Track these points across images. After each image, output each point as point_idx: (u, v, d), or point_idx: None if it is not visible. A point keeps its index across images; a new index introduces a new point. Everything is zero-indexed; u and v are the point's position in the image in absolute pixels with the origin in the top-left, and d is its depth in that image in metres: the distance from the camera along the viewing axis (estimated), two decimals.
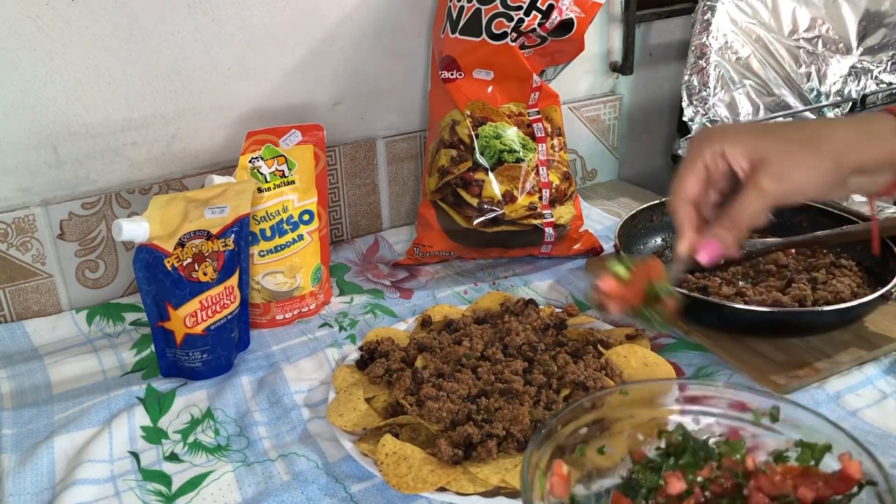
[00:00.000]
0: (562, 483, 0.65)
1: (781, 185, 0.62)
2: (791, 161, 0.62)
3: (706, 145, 0.65)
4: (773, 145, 0.63)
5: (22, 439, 0.87)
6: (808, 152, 0.62)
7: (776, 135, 0.64)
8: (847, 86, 1.61)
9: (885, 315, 1.01)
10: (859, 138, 0.64)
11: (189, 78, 1.14)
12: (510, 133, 1.17)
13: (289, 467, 0.82)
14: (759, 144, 0.63)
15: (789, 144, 0.63)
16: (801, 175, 0.62)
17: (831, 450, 0.62)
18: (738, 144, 0.64)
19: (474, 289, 1.17)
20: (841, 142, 0.63)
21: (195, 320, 0.94)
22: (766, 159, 0.62)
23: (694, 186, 0.65)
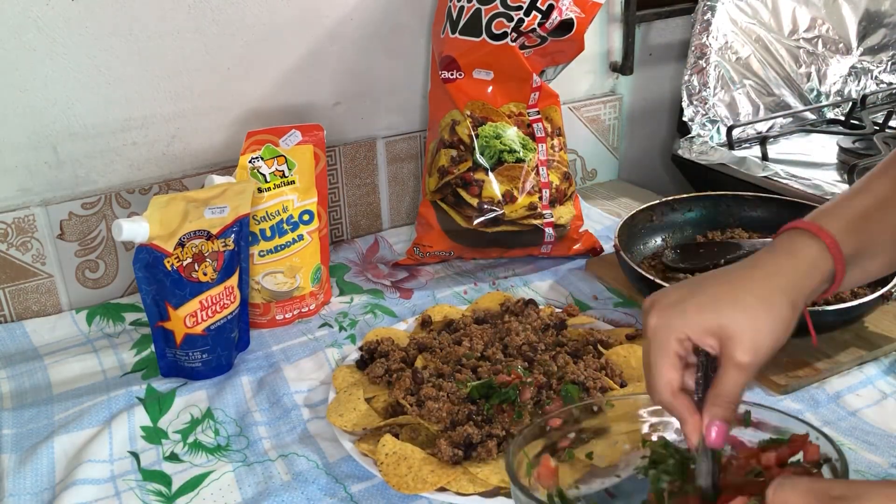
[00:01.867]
0: (549, 474, 0.67)
1: (758, 356, 0.62)
2: (757, 329, 0.62)
3: (668, 333, 0.64)
4: (733, 315, 0.62)
5: (22, 439, 0.87)
6: (767, 312, 0.62)
7: (732, 302, 0.63)
8: (847, 86, 1.61)
9: (885, 315, 1.01)
10: (798, 277, 0.65)
11: (189, 78, 1.14)
12: (510, 133, 1.17)
13: (289, 467, 0.82)
14: (719, 319, 0.62)
15: (748, 309, 0.62)
16: (771, 339, 0.62)
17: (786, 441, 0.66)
18: (699, 325, 0.63)
19: (474, 289, 1.17)
20: (790, 289, 0.64)
21: (195, 320, 0.94)
22: (734, 334, 0.62)
23: (674, 377, 0.64)
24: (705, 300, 0.64)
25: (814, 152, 1.43)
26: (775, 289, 0.64)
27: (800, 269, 0.65)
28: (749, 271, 0.65)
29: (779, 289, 0.64)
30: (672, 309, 0.64)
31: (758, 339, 0.62)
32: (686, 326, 0.63)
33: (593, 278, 1.18)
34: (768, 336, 0.62)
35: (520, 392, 0.84)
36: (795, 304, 0.64)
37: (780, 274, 0.64)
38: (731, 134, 1.42)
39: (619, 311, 1.09)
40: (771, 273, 0.65)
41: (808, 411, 0.88)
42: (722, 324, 0.62)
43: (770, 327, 0.62)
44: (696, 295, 0.64)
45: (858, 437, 0.84)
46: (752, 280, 0.64)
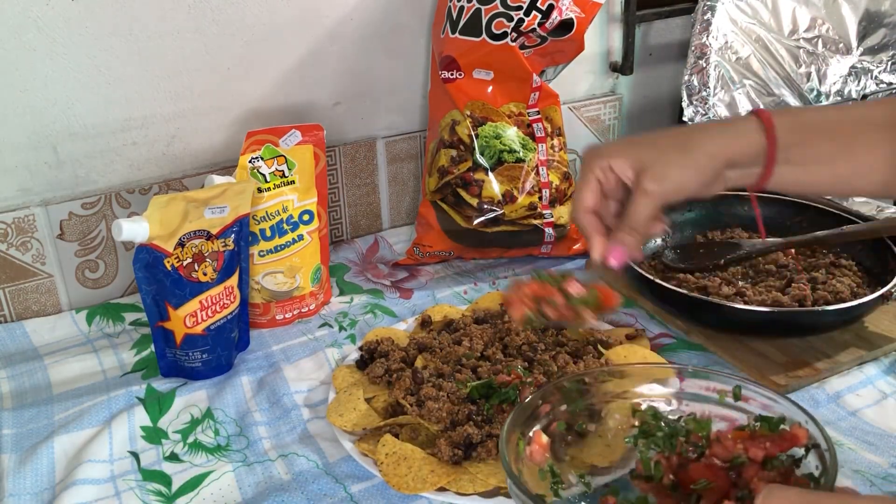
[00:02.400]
0: (541, 451, 0.70)
1: (663, 185, 0.71)
2: (668, 164, 0.71)
3: (594, 161, 0.73)
4: (651, 153, 0.72)
5: (22, 439, 0.87)
6: (681, 154, 0.71)
7: (653, 144, 0.73)
8: (847, 86, 1.61)
9: (885, 315, 1.01)
10: (726, 137, 0.72)
11: (189, 78, 1.14)
12: (510, 133, 1.17)
13: (289, 467, 0.82)
14: (639, 154, 0.72)
15: (665, 150, 0.72)
16: (679, 173, 0.71)
17: (785, 421, 0.68)
18: (620, 156, 0.72)
19: (474, 289, 1.17)
20: (709, 142, 0.72)
21: (195, 320, 0.94)
22: (647, 166, 0.71)
23: (589, 198, 0.74)
24: (637, 140, 0.75)
25: None
26: (695, 141, 0.72)
27: (726, 130, 0.73)
28: (686, 128, 0.75)
29: (699, 142, 0.72)
30: (604, 144, 0.74)
31: (665, 173, 0.71)
32: (610, 156, 0.73)
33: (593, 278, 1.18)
34: (677, 174, 0.71)
35: (520, 392, 0.84)
36: (712, 157, 0.72)
37: (708, 131, 0.73)
38: None
39: (619, 311, 1.09)
40: (702, 130, 0.74)
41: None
42: (639, 156, 0.72)
43: (681, 167, 0.71)
44: (630, 139, 0.76)
45: (858, 437, 0.84)
46: (682, 132, 0.74)
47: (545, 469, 0.69)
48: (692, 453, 0.67)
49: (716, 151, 0.72)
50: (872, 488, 0.77)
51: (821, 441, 0.65)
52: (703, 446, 0.68)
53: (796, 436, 0.66)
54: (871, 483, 0.78)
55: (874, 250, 1.08)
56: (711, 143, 0.72)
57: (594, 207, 0.74)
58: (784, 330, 0.97)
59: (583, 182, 0.74)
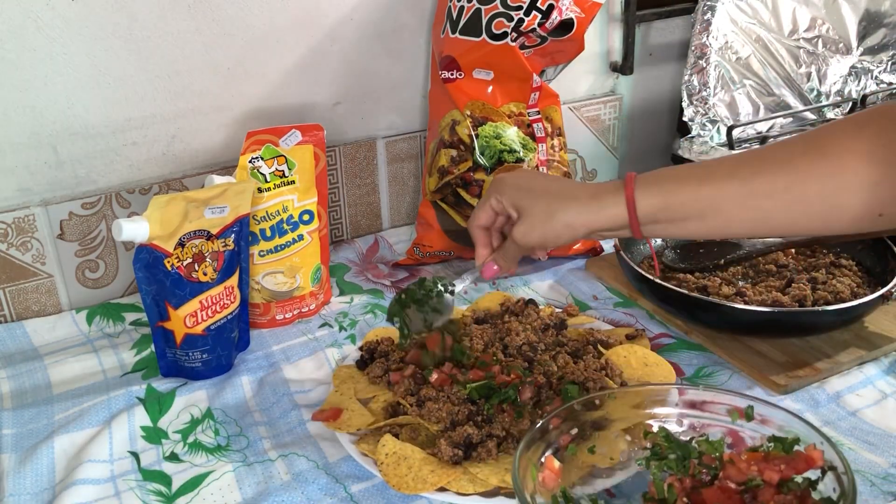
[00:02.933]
0: (553, 477, 0.69)
1: (525, 240, 0.83)
2: (533, 225, 0.82)
3: (493, 189, 0.86)
4: (527, 205, 0.83)
5: (22, 439, 0.87)
6: (544, 219, 0.81)
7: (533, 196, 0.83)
8: (847, 86, 1.61)
9: (885, 315, 1.01)
10: (588, 213, 0.80)
11: (189, 78, 1.14)
12: (510, 133, 1.17)
13: (289, 467, 0.82)
14: (521, 202, 0.84)
15: (536, 209, 0.82)
16: (539, 236, 0.82)
17: (799, 442, 0.68)
18: (506, 196, 0.85)
19: (474, 289, 1.17)
20: (573, 214, 0.80)
21: (195, 320, 0.94)
22: (521, 215, 0.83)
23: (483, 217, 0.87)
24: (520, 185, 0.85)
25: None
26: (560, 211, 0.81)
27: (592, 207, 0.80)
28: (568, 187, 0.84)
29: (563, 213, 0.81)
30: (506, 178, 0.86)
31: (531, 230, 0.83)
32: (502, 191, 0.85)
33: (593, 278, 1.18)
34: (538, 233, 0.82)
35: (520, 392, 0.84)
36: (572, 229, 0.81)
37: (571, 199, 0.81)
38: (731, 134, 1.42)
39: (619, 311, 1.09)
40: (571, 198, 0.81)
41: (808, 411, 0.88)
42: (519, 202, 0.84)
43: (541, 231, 0.82)
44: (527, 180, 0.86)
45: (858, 437, 0.84)
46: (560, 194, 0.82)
47: (557, 494, 0.69)
48: (705, 476, 0.67)
49: (576, 223, 0.80)
50: (872, 488, 0.77)
51: (838, 464, 0.64)
52: (716, 468, 0.67)
53: (812, 458, 0.65)
54: (871, 483, 0.78)
55: (874, 250, 1.08)
56: (574, 216, 0.80)
57: (485, 224, 0.88)
58: (784, 330, 0.97)
59: (483, 201, 0.87)
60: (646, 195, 0.77)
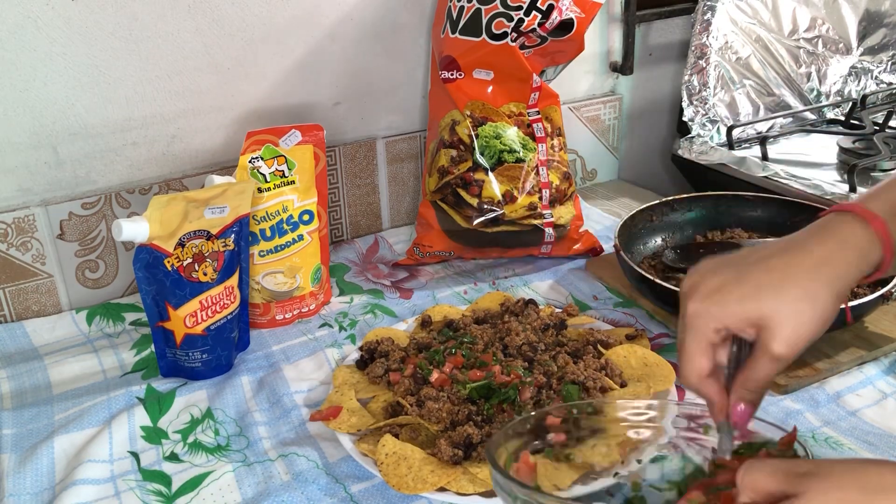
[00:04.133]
0: (528, 470, 0.68)
1: (795, 348, 0.61)
2: (800, 322, 0.60)
3: (706, 322, 0.63)
4: (777, 307, 0.60)
5: (22, 439, 0.87)
6: (810, 304, 0.60)
7: (776, 291, 0.61)
8: (847, 86, 1.61)
9: (885, 315, 1.01)
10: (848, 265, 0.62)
11: (189, 78, 1.14)
12: (510, 133, 1.17)
13: (289, 467, 0.82)
14: (762, 310, 0.61)
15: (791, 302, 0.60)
16: (811, 329, 0.61)
17: (768, 445, 0.65)
18: (739, 315, 0.61)
19: (474, 289, 1.17)
20: (836, 279, 0.61)
21: (195, 320, 0.94)
22: (774, 326, 0.60)
23: (705, 364, 0.63)
24: (748, 289, 0.61)
25: (814, 152, 1.43)
26: (822, 280, 0.61)
27: (850, 259, 0.62)
28: (797, 257, 0.62)
29: (826, 280, 0.61)
30: (712, 297, 0.62)
31: (798, 331, 0.60)
32: (725, 316, 0.62)
33: (593, 278, 1.18)
34: (808, 329, 0.60)
35: (520, 392, 0.84)
36: (840, 295, 0.62)
37: (828, 264, 0.62)
38: (731, 134, 1.42)
39: (619, 311, 1.09)
40: (819, 262, 0.62)
41: (808, 411, 0.88)
42: (763, 314, 0.60)
43: (811, 320, 0.60)
44: (740, 282, 0.62)
45: (858, 437, 0.84)
46: (800, 268, 0.62)
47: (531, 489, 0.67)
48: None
49: (843, 290, 0.62)
50: None
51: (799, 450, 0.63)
52: None
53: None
54: None
55: None
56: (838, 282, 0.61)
57: (709, 371, 0.64)
58: None
59: (695, 345, 0.63)
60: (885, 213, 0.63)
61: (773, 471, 0.51)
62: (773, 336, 0.60)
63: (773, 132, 1.48)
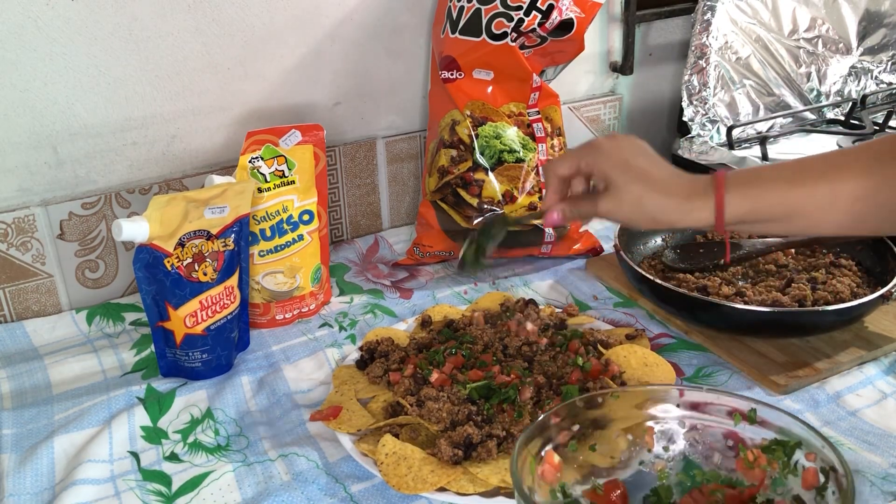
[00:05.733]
0: (552, 471, 0.69)
1: (610, 216, 0.82)
2: (621, 205, 0.80)
3: (587, 152, 0.83)
4: (621, 183, 0.80)
5: (22, 439, 0.87)
6: (633, 205, 0.80)
7: (629, 175, 0.80)
8: (847, 86, 1.61)
9: (885, 315, 1.01)
10: (677, 211, 0.79)
11: (189, 78, 1.14)
12: (510, 133, 1.17)
13: (289, 467, 0.82)
14: (614, 176, 0.80)
15: (627, 191, 0.80)
16: (623, 217, 0.82)
17: (801, 446, 0.67)
18: (601, 164, 0.81)
19: (474, 289, 1.17)
20: (662, 211, 0.79)
21: (195, 320, 0.94)
22: (610, 189, 0.81)
23: (564, 168, 0.84)
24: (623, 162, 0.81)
25: (814, 152, 1.42)
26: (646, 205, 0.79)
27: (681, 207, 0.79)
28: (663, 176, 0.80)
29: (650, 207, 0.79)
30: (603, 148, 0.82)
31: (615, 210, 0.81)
32: (598, 160, 0.82)
33: (593, 278, 1.18)
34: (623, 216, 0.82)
35: (520, 392, 0.84)
36: (655, 222, 0.80)
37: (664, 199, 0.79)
38: (731, 134, 1.42)
39: (619, 311, 1.09)
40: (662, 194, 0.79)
41: (808, 411, 0.88)
42: (616, 177, 0.80)
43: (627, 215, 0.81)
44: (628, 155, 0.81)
45: (858, 437, 0.84)
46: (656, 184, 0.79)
47: (556, 489, 0.68)
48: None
49: (662, 220, 0.80)
50: (872, 488, 0.77)
51: (837, 466, 0.63)
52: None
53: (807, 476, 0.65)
54: (871, 483, 0.78)
55: (874, 250, 1.08)
56: (662, 214, 0.79)
57: (565, 175, 0.84)
58: (784, 330, 0.97)
59: (568, 155, 0.85)
60: (735, 198, 0.77)
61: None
62: (604, 198, 0.81)
63: (773, 132, 1.48)
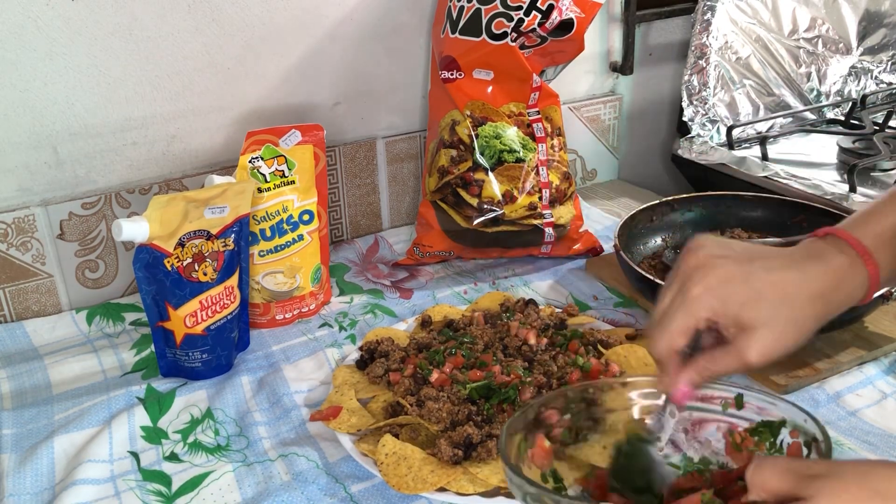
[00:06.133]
0: (542, 454, 0.68)
1: (765, 361, 0.63)
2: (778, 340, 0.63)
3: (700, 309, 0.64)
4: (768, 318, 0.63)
5: (22, 439, 0.87)
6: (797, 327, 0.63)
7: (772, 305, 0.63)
8: (847, 86, 1.61)
9: (885, 315, 1.01)
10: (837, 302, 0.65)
11: (189, 78, 1.14)
12: (510, 133, 1.17)
13: (289, 467, 0.82)
14: (756, 316, 0.63)
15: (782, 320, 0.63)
16: (785, 349, 0.63)
17: (786, 423, 0.66)
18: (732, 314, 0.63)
19: (474, 289, 1.17)
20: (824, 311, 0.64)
21: (195, 320, 0.94)
22: (757, 333, 0.63)
23: (682, 344, 0.65)
24: (751, 295, 0.63)
25: (814, 152, 1.43)
26: (814, 311, 0.64)
27: (841, 299, 0.65)
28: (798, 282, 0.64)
29: (817, 313, 0.64)
30: (717, 289, 0.64)
31: (775, 347, 0.63)
32: (722, 313, 0.63)
33: (593, 278, 1.18)
34: (783, 348, 0.63)
35: (520, 392, 0.84)
36: (819, 317, 0.64)
37: (823, 298, 0.64)
38: (731, 134, 1.42)
39: (619, 311, 1.09)
40: (816, 295, 0.64)
41: None
42: (754, 321, 0.63)
43: (791, 342, 0.63)
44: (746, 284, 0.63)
45: (858, 437, 0.84)
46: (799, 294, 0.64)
47: (547, 473, 0.69)
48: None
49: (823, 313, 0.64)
50: None
51: (817, 434, 0.63)
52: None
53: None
54: None
55: None
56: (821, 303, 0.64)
57: (682, 348, 0.66)
58: None
59: (681, 323, 0.65)
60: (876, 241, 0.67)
61: (784, 470, 0.51)
62: (751, 343, 0.62)
63: (773, 132, 1.48)
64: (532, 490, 0.60)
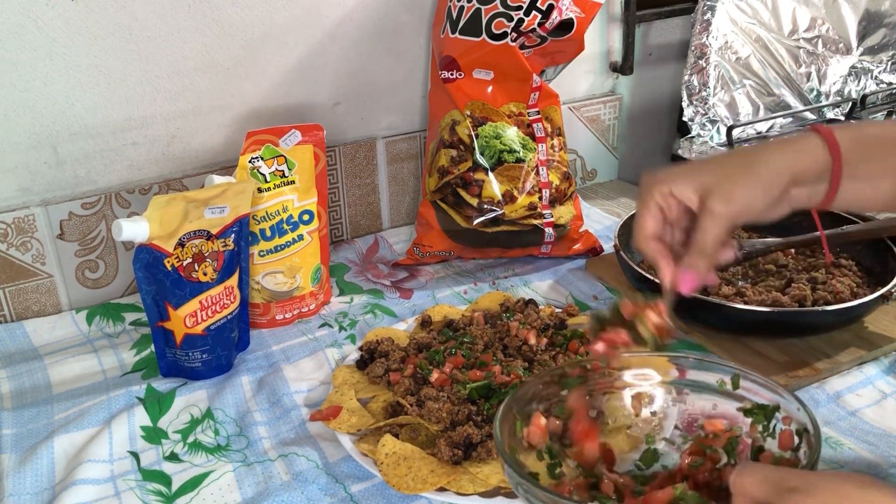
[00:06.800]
0: (539, 432, 0.70)
1: (730, 205, 0.68)
2: (734, 183, 0.69)
3: (654, 187, 0.72)
4: (714, 175, 0.70)
5: (22, 439, 0.87)
6: (745, 172, 0.69)
7: (716, 165, 0.71)
8: (847, 86, 1.61)
9: (885, 315, 1.01)
10: (789, 153, 0.70)
11: (189, 78, 1.14)
12: (510, 133, 1.17)
13: (289, 467, 0.82)
14: (701, 177, 0.70)
15: (729, 170, 0.70)
16: (745, 192, 0.69)
17: (779, 409, 0.69)
18: (682, 181, 0.71)
19: (474, 289, 1.17)
20: (773, 158, 0.70)
21: (195, 320, 0.94)
22: (711, 188, 0.69)
23: (651, 224, 0.72)
24: (697, 164, 0.72)
25: None
26: (759, 160, 0.69)
27: (788, 146, 0.70)
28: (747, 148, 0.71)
29: (764, 160, 0.69)
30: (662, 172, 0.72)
31: (732, 193, 0.68)
32: (669, 182, 0.71)
33: (593, 278, 1.18)
34: (744, 193, 0.68)
35: None
36: (778, 175, 0.69)
37: (766, 149, 0.70)
38: (731, 134, 1.42)
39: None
40: (764, 149, 0.70)
41: None
42: (702, 179, 0.70)
43: (747, 186, 0.69)
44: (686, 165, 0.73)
45: (858, 437, 0.84)
46: (744, 153, 0.72)
47: (543, 450, 0.69)
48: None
49: (781, 168, 0.69)
50: None
51: (808, 425, 0.65)
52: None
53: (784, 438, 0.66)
54: None
55: (874, 250, 1.08)
56: (775, 160, 0.70)
57: (658, 234, 0.73)
58: (784, 330, 0.97)
59: (643, 209, 0.72)
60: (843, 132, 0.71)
61: (762, 480, 0.54)
62: (711, 196, 0.69)
63: (773, 132, 1.48)
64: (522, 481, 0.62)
